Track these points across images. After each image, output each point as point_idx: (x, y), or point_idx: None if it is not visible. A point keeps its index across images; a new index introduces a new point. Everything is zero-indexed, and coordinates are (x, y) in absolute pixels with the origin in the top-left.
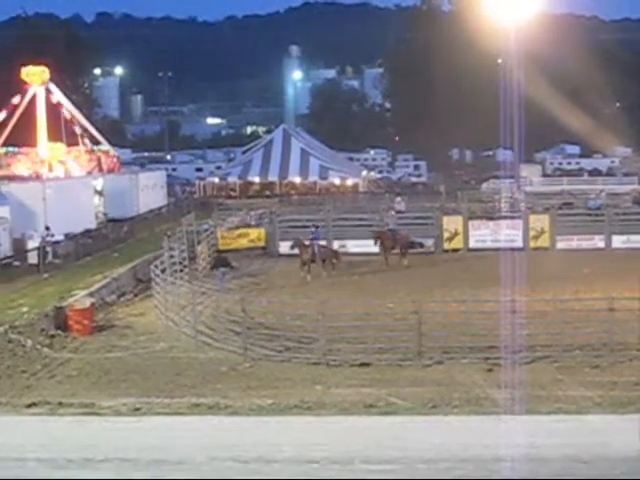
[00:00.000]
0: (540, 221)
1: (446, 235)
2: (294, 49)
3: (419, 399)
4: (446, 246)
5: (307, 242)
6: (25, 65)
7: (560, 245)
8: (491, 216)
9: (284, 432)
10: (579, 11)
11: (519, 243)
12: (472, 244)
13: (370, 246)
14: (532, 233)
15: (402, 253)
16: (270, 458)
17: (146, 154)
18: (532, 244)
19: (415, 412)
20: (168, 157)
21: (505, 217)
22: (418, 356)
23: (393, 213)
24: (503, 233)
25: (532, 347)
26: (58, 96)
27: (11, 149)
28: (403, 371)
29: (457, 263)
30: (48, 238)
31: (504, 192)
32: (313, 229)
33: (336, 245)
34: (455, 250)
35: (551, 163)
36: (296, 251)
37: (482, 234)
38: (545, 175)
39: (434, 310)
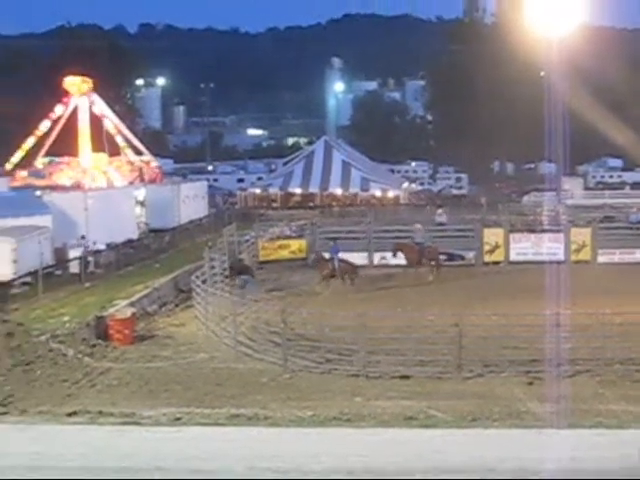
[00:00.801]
0: (582, 234)
1: (487, 248)
2: (336, 61)
3: (459, 412)
4: (487, 259)
5: (327, 256)
6: (68, 75)
7: (601, 259)
8: (532, 229)
9: (323, 443)
10: (621, 23)
11: (560, 256)
12: (513, 257)
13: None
14: (573, 246)
15: (432, 266)
16: (308, 469)
17: (188, 165)
18: (573, 257)
19: (455, 425)
20: (210, 168)
21: (546, 230)
22: (458, 369)
23: (419, 226)
24: (544, 246)
25: (573, 361)
26: (101, 106)
27: (54, 159)
28: (443, 384)
29: (498, 276)
30: (86, 246)
31: (546, 205)
32: (332, 243)
33: (377, 257)
34: (496, 263)
35: (593, 176)
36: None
37: (523, 247)
38: (587, 188)
39: (474, 323)
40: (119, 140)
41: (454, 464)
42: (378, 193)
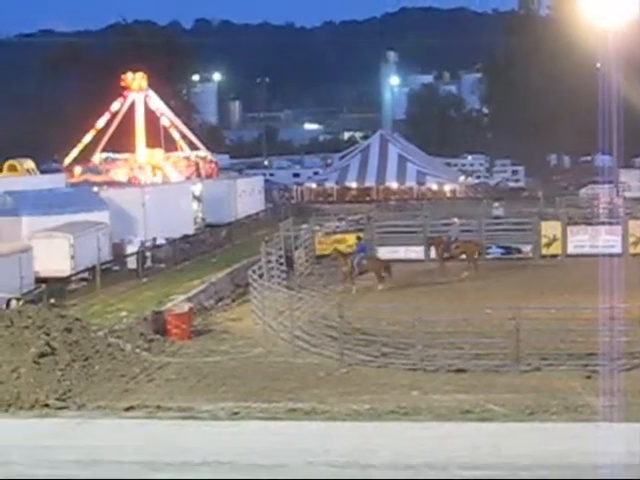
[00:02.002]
0: (639, 227)
1: (544, 241)
2: (391, 54)
3: (516, 406)
4: (544, 252)
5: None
6: (124, 72)
7: None
8: (590, 222)
9: (381, 437)
10: None
11: (618, 249)
12: (570, 250)
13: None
14: (631, 239)
15: (467, 261)
16: (366, 463)
17: (244, 160)
18: (631, 250)
19: (512, 419)
20: (266, 163)
21: (604, 223)
22: (515, 362)
23: (457, 220)
24: (602, 239)
25: (631, 354)
26: (157, 102)
27: (110, 155)
28: (500, 377)
29: (555, 269)
30: (143, 241)
31: (603, 197)
32: (357, 241)
33: (433, 251)
34: (553, 256)
35: None
36: (395, 256)
37: (581, 240)
38: None
39: (531, 316)
40: (175, 135)
41: (511, 458)
42: (434, 187)
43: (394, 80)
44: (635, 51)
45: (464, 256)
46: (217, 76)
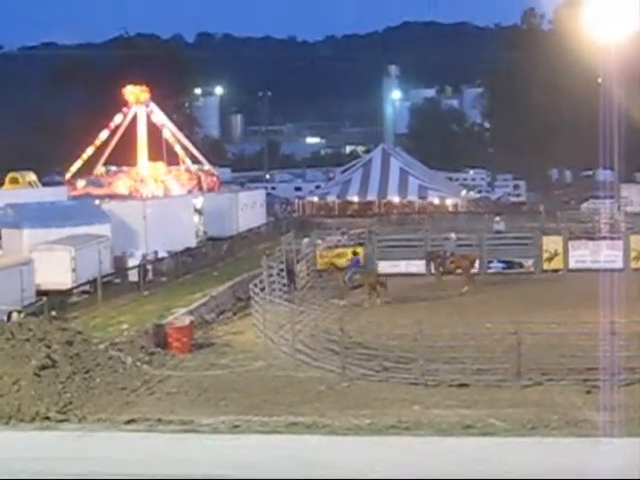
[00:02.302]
0: None
1: (546, 255)
2: (393, 68)
3: (518, 420)
4: (546, 266)
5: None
6: (127, 85)
7: None
8: (591, 236)
9: (382, 452)
10: None
11: (619, 264)
12: (572, 264)
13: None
14: (633, 254)
15: (464, 276)
16: (366, 478)
17: (246, 173)
18: (633, 265)
19: (514, 433)
20: (267, 176)
21: (605, 237)
22: (517, 377)
23: (453, 235)
24: (603, 254)
25: (632, 369)
26: (159, 116)
27: (112, 168)
28: (501, 392)
29: (557, 284)
30: (145, 254)
31: (604, 212)
32: (352, 255)
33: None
34: (555, 271)
35: None
36: (396, 270)
37: (582, 254)
38: None
39: (533, 331)
40: (177, 149)
41: (513, 473)
42: (436, 201)
43: (396, 94)
44: (636, 66)
45: (460, 270)
46: (219, 90)
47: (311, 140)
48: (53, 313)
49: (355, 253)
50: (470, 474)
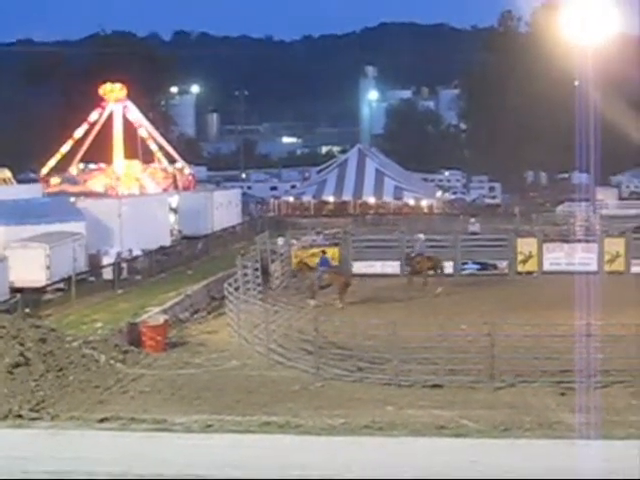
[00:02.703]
0: (615, 245)
1: (520, 257)
2: (370, 69)
3: (491, 422)
4: (520, 268)
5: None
6: (103, 83)
7: (635, 269)
8: (566, 239)
9: (354, 452)
10: None
11: (594, 267)
12: (546, 267)
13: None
14: (607, 257)
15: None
16: (339, 478)
17: (221, 172)
18: (607, 268)
19: (486, 435)
20: (243, 175)
21: (580, 240)
22: (490, 379)
23: (421, 236)
24: (578, 256)
25: (606, 371)
26: (135, 114)
27: (88, 165)
28: (475, 393)
29: (531, 286)
30: (119, 252)
31: (579, 215)
32: (321, 255)
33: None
34: (529, 273)
35: (627, 186)
36: (371, 270)
37: (557, 257)
38: (621, 198)
39: (507, 332)
40: (153, 147)
41: (485, 474)
42: (411, 202)
43: (373, 95)
44: (613, 69)
45: (431, 272)
46: (195, 88)
47: (287, 140)
48: (27, 310)
49: (324, 252)
50: (443, 474)
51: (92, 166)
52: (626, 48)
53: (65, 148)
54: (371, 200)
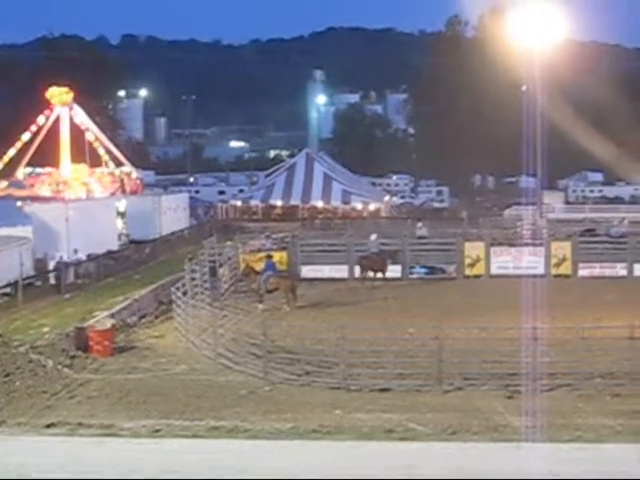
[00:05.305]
0: (562, 248)
1: (468, 261)
2: (318, 73)
3: (439, 425)
4: (468, 272)
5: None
6: (50, 86)
7: (582, 273)
8: (513, 243)
9: (303, 456)
10: (602, 39)
11: (541, 270)
12: (494, 271)
13: (391, 271)
14: (554, 260)
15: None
16: None
17: (169, 176)
18: (554, 271)
19: (434, 438)
20: (191, 180)
21: (527, 244)
22: (438, 382)
23: (374, 237)
24: (525, 260)
25: (553, 375)
26: (82, 117)
27: (35, 169)
28: (423, 397)
29: (478, 289)
30: (61, 256)
31: (526, 219)
32: (266, 259)
33: (357, 270)
34: (477, 276)
35: (574, 190)
36: (319, 274)
37: (504, 261)
38: (568, 202)
39: (454, 336)
40: (100, 151)
41: (433, 477)
42: (359, 206)
43: (321, 99)
44: (559, 74)
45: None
46: (143, 92)
47: (235, 144)
48: None
49: (269, 257)
50: (391, 478)
51: (39, 170)
52: (572, 53)
53: (12, 152)
54: (319, 204)
